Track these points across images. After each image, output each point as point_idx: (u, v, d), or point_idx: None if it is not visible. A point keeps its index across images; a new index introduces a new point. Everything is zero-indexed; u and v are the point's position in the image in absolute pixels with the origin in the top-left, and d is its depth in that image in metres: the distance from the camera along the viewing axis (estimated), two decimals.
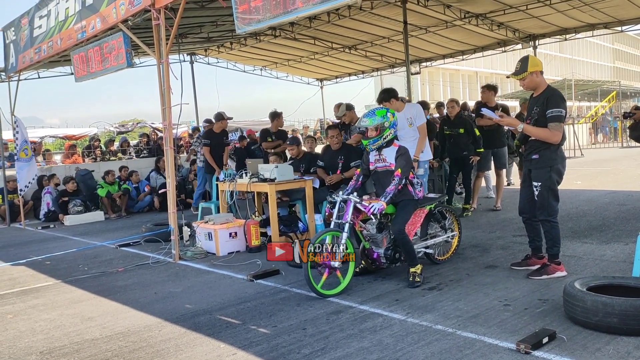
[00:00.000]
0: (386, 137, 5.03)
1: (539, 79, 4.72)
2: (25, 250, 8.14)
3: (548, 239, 4.78)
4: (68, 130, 21.16)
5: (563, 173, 4.76)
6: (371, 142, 5.06)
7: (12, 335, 4.30)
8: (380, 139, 5.02)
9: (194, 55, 14.38)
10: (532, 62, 4.70)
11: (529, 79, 4.71)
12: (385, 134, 5.01)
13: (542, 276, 4.73)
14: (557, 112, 4.52)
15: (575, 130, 20.75)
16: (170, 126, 6.58)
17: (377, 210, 4.74)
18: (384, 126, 5.00)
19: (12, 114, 11.00)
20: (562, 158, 4.75)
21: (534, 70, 4.67)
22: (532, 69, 4.67)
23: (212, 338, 3.88)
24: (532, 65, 4.67)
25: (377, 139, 5.02)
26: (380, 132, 5.00)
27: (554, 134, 4.54)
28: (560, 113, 4.53)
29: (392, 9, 10.29)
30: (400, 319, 3.98)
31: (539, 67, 4.70)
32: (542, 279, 4.69)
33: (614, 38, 69.35)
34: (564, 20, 11.34)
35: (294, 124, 24.59)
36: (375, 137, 5.02)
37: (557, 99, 4.58)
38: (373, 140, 5.04)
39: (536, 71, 4.69)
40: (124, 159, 14.65)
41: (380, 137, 5.01)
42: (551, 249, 4.78)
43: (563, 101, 4.61)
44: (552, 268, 4.76)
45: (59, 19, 8.77)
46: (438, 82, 52.27)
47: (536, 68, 4.68)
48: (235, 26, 5.85)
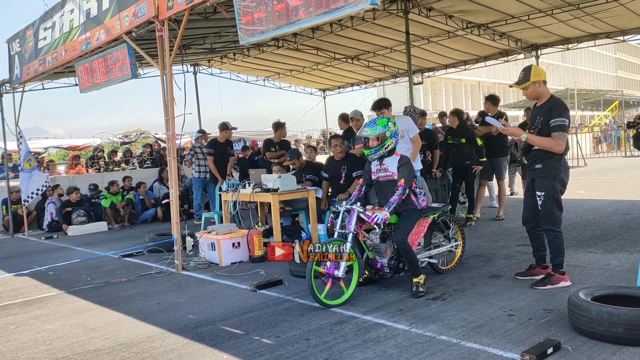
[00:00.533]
0: (387, 146, 5.03)
1: (542, 89, 4.71)
2: (28, 261, 8.14)
3: (552, 249, 4.75)
4: (72, 141, 21.17)
5: (567, 182, 4.75)
6: (372, 152, 5.07)
7: (15, 346, 4.29)
8: (381, 148, 5.03)
9: (197, 65, 14.45)
10: (535, 71, 4.70)
11: (532, 89, 4.71)
12: (386, 144, 5.02)
13: (546, 286, 4.70)
14: (561, 121, 4.51)
15: (578, 140, 20.74)
16: (173, 136, 6.60)
17: (381, 220, 4.73)
18: (385, 135, 5.01)
19: (17, 125, 11.06)
20: (566, 167, 4.74)
21: (537, 79, 4.67)
22: (535, 79, 4.67)
23: (215, 349, 3.86)
24: (535, 74, 4.67)
25: (378, 149, 5.03)
26: (382, 142, 5.01)
27: (558, 143, 4.53)
28: (564, 122, 4.52)
29: (394, 19, 10.35)
30: (404, 330, 3.96)
31: (541, 77, 4.71)
32: (546, 289, 4.66)
33: (616, 47, 69.48)
34: (566, 30, 11.38)
35: (296, 134, 24.66)
36: (376, 147, 5.03)
37: (560, 109, 4.57)
38: (374, 150, 5.05)
39: (539, 81, 4.68)
40: (127, 169, 14.68)
41: (381, 146, 5.02)
42: (555, 259, 4.76)
43: (566, 110, 4.61)
44: (556, 278, 4.73)
45: (63, 31, 8.84)
46: (441, 92, 52.38)
47: (539, 78, 4.68)
48: (238, 37, 5.88)
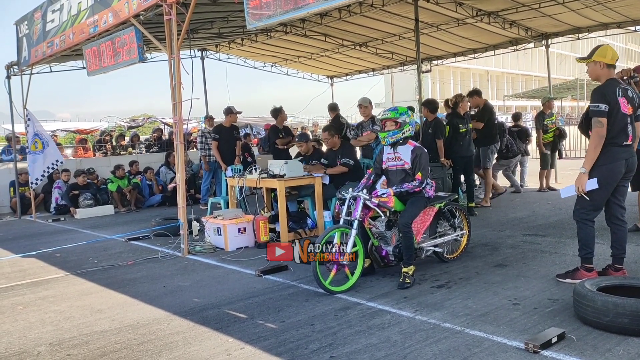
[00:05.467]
0: (405, 132, 5.06)
1: (601, 72, 4.39)
2: (35, 243, 8.20)
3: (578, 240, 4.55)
4: (79, 124, 21.25)
5: (608, 175, 4.34)
6: (390, 134, 5.07)
7: (22, 326, 4.34)
8: (399, 131, 5.04)
9: (205, 51, 14.40)
10: (601, 52, 4.36)
11: (592, 68, 4.42)
12: (405, 129, 5.05)
13: (566, 279, 4.53)
14: (594, 107, 4.27)
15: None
16: (180, 121, 6.60)
17: (385, 196, 4.81)
18: (405, 121, 5.04)
19: (25, 107, 11.07)
20: (610, 158, 4.31)
21: (599, 60, 4.35)
22: (597, 59, 4.36)
23: (220, 332, 3.89)
24: (600, 55, 4.35)
25: (396, 132, 5.05)
26: (401, 127, 5.03)
27: (593, 133, 4.26)
28: (596, 107, 4.24)
29: (404, 6, 10.25)
30: (409, 317, 3.97)
31: (605, 59, 4.35)
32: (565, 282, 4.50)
33: (627, 38, 68.68)
34: (577, 19, 11.24)
35: (303, 121, 24.60)
36: (394, 130, 5.04)
37: (593, 95, 4.32)
38: (392, 133, 5.06)
39: (600, 62, 4.35)
40: (134, 154, 14.72)
41: (400, 130, 5.04)
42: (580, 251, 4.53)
43: (598, 94, 4.29)
44: (580, 274, 4.46)
45: (71, 13, 8.81)
46: (449, 80, 52.05)
47: (602, 59, 4.35)
48: (246, 22, 5.85)
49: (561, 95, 30.44)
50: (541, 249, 5.81)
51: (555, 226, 7.01)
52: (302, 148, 7.94)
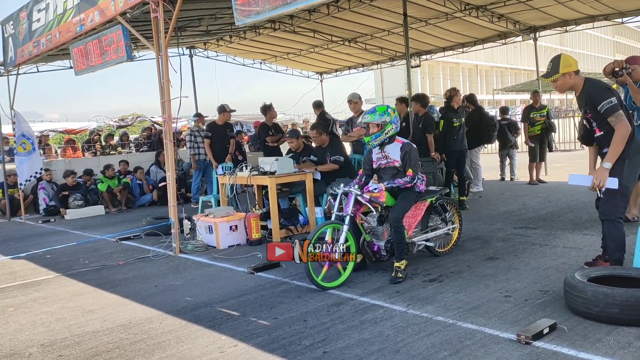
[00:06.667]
0: (387, 132, 5.05)
1: (573, 80, 4.24)
2: (25, 244, 8.14)
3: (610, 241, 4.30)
4: (68, 125, 21.11)
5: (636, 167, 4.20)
6: (373, 138, 5.08)
7: (13, 328, 4.31)
8: (382, 134, 5.04)
9: (193, 48, 14.33)
10: (565, 62, 4.20)
11: (562, 81, 4.25)
12: (386, 129, 5.03)
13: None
14: (607, 103, 4.04)
15: (576, 123, 20.74)
16: (170, 119, 6.56)
17: (377, 191, 4.82)
18: (385, 121, 5.02)
19: (12, 108, 10.98)
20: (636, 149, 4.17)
21: (567, 71, 4.20)
22: (565, 70, 4.20)
23: (213, 330, 3.88)
24: (565, 66, 4.20)
25: (379, 134, 5.04)
26: (382, 128, 5.02)
27: (620, 127, 4.03)
28: (610, 102, 4.04)
29: (392, 1, 10.24)
30: (401, 311, 3.98)
31: (572, 67, 4.22)
32: None
33: (614, 30, 69.15)
34: (565, 11, 11.29)
35: (293, 118, 24.58)
36: (377, 133, 5.03)
37: (599, 91, 4.14)
38: (375, 136, 5.06)
39: (569, 72, 4.21)
40: (124, 153, 14.63)
41: (382, 132, 5.03)
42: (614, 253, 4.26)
43: (605, 89, 4.14)
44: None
45: (57, 12, 8.73)
46: (438, 75, 52.19)
47: (569, 69, 4.21)
48: (234, 18, 5.83)
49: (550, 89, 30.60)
50: (532, 242, 5.85)
51: (546, 219, 7.06)
52: (293, 144, 7.93)
